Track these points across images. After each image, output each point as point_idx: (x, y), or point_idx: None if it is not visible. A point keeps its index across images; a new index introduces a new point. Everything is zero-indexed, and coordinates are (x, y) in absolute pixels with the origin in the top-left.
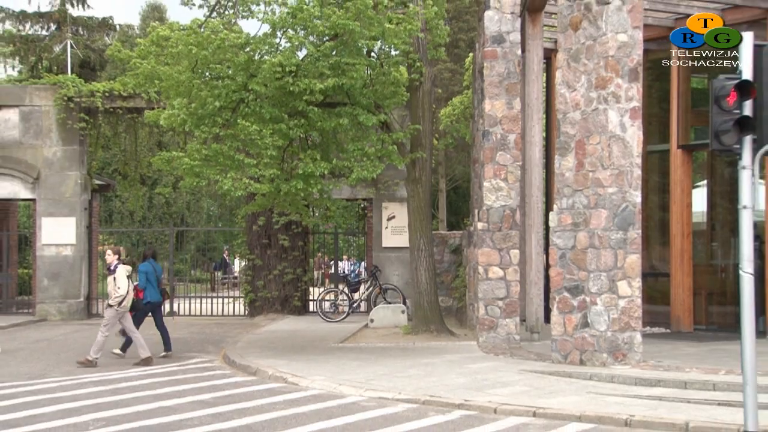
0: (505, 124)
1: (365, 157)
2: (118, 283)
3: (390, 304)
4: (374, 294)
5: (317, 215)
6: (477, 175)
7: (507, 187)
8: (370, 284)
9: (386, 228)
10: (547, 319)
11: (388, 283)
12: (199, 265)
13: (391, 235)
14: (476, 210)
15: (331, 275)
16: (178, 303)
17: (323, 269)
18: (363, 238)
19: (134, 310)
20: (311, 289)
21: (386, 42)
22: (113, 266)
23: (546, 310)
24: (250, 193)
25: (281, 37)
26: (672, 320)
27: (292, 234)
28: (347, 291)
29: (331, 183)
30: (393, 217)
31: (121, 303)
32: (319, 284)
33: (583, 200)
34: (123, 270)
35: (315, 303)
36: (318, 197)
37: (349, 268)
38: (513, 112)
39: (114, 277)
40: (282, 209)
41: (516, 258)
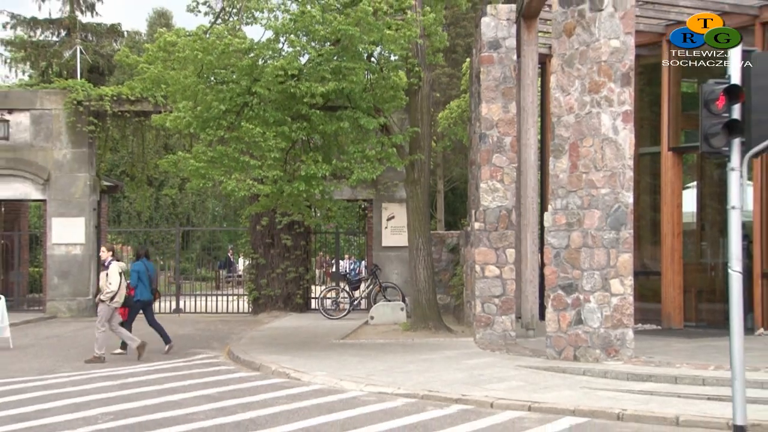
0: (501, 127)
1: (365, 159)
2: (110, 279)
3: (389, 302)
4: (374, 292)
5: (319, 215)
6: (474, 177)
7: (503, 188)
8: (371, 282)
9: (386, 228)
10: (542, 316)
11: (388, 282)
12: (205, 264)
13: (391, 235)
14: (473, 210)
15: (333, 274)
16: (184, 300)
17: (325, 268)
18: (363, 238)
19: (126, 307)
20: (313, 287)
21: (385, 47)
22: (107, 262)
23: (541, 308)
24: (254, 194)
25: (284, 43)
26: (663, 317)
27: (295, 234)
28: (348, 289)
29: (333, 184)
30: (392, 218)
31: (113, 298)
32: (321, 282)
33: (577, 201)
34: (116, 267)
35: (317, 301)
36: (320, 198)
37: (350, 267)
38: (509, 116)
39: (107, 273)
40: (285, 210)
41: (512, 257)
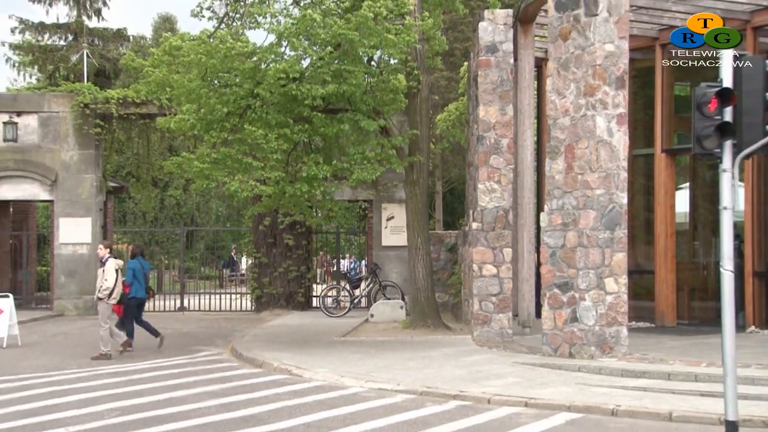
0: (499, 129)
1: (365, 161)
2: (106, 275)
3: (389, 300)
4: (374, 290)
5: (320, 216)
6: (472, 178)
7: (500, 189)
8: (371, 281)
9: (386, 228)
10: (538, 314)
11: (388, 280)
12: (208, 263)
13: (391, 235)
14: (471, 211)
15: (334, 273)
16: (189, 299)
17: (326, 267)
18: (363, 238)
19: (120, 304)
20: (314, 286)
21: (385, 51)
22: (104, 259)
23: (537, 306)
24: (257, 195)
25: (286, 47)
26: (656, 315)
27: (297, 233)
28: (348, 288)
29: (333, 185)
30: (392, 218)
31: (110, 295)
32: (322, 281)
33: (573, 201)
34: (113, 263)
35: (318, 299)
36: (321, 199)
37: (351, 266)
38: (506, 118)
39: (104, 270)
40: (287, 210)
41: (509, 256)
